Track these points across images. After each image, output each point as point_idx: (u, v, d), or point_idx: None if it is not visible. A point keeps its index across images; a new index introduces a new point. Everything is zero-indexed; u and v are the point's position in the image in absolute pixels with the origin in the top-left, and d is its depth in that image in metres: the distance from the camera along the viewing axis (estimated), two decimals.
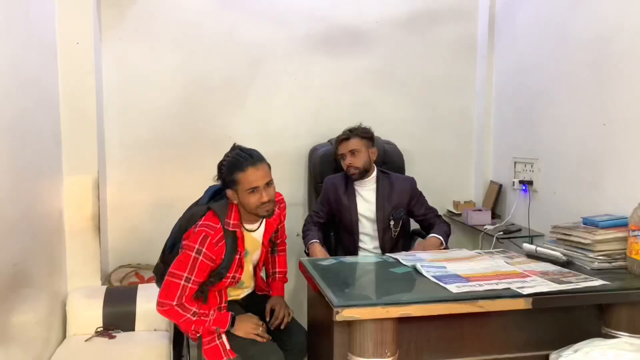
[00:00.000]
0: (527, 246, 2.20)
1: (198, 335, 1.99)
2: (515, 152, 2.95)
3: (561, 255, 2.05)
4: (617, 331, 1.81)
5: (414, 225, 2.78)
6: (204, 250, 1.91)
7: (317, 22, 3.09)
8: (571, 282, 1.78)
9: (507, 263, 2.03)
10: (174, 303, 1.90)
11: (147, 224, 2.93)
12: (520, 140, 2.92)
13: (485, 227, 2.84)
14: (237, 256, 2.01)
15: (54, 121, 2.46)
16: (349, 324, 1.63)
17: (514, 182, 2.89)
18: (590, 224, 2.08)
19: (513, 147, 2.98)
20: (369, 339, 1.61)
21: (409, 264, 2.00)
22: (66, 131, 2.53)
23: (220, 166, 1.98)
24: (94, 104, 2.61)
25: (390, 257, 2.15)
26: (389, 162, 2.89)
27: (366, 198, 2.63)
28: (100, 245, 2.65)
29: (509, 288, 1.71)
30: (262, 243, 2.14)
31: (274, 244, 2.31)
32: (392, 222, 2.60)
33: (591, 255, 1.99)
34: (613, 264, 1.98)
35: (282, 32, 3.01)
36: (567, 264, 2.03)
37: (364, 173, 2.58)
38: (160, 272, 2.08)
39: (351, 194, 2.63)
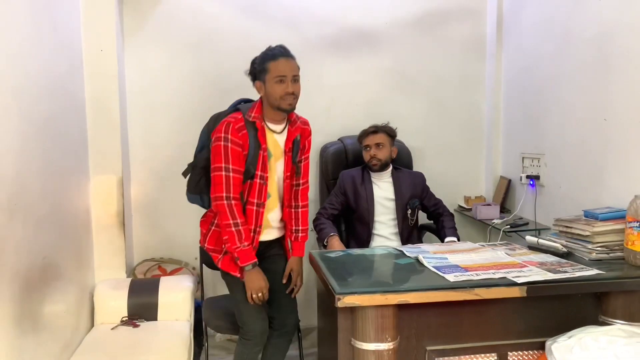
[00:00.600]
0: (529, 238, 2.27)
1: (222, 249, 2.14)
2: (523, 147, 3.01)
3: (561, 246, 2.12)
4: (613, 319, 1.87)
5: (422, 219, 2.89)
6: (229, 136, 2.03)
7: (329, 25, 3.19)
8: (566, 272, 1.85)
9: (508, 254, 2.10)
10: (224, 195, 2.04)
11: (168, 220, 3.08)
12: (527, 136, 2.98)
13: (493, 221, 2.92)
14: (261, 152, 2.10)
15: (81, 124, 2.62)
16: (352, 310, 1.72)
17: (521, 177, 2.95)
18: (590, 216, 2.14)
19: (521, 143, 3.05)
20: (371, 325, 1.70)
21: (412, 255, 2.09)
22: (92, 133, 2.69)
23: (254, 59, 2.10)
24: (117, 106, 2.76)
25: (396, 249, 2.25)
26: (397, 159, 2.98)
27: (383, 188, 2.82)
28: (125, 240, 2.80)
29: (505, 277, 1.79)
30: (284, 151, 2.18)
31: (297, 173, 2.28)
32: (409, 211, 2.78)
33: (590, 246, 2.05)
34: (611, 254, 2.04)
35: (295, 35, 3.12)
36: (567, 255, 2.10)
37: (384, 166, 2.78)
38: (187, 173, 2.25)
39: (368, 184, 2.82)
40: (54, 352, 2.14)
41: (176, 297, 2.62)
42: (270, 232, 2.28)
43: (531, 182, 2.86)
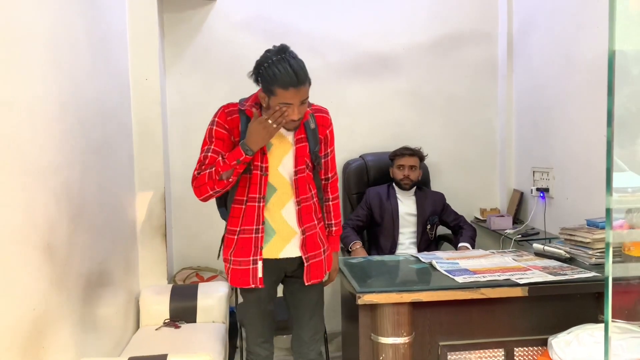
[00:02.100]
0: (536, 246, 2.46)
1: (227, 176, 1.88)
2: (533, 162, 3.20)
3: (564, 253, 2.31)
4: (613, 318, 2.05)
5: (440, 231, 3.11)
6: (216, 119, 1.97)
7: (349, 50, 3.45)
8: (566, 274, 2.04)
9: (515, 260, 2.30)
10: (195, 172, 1.94)
11: (205, 232, 3.34)
12: (537, 151, 3.17)
13: (506, 231, 3.11)
14: None
15: (128, 145, 2.91)
16: (371, 308, 1.95)
17: (532, 190, 3.14)
18: (592, 225, 2.33)
19: (532, 158, 3.24)
20: (388, 321, 1.91)
21: (426, 260, 2.31)
22: (137, 153, 2.95)
23: (260, 66, 1.85)
24: (160, 129, 3.02)
25: (412, 255, 2.47)
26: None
27: (406, 204, 3.11)
28: (167, 250, 3.05)
29: (509, 279, 1.99)
30: (293, 142, 2.00)
31: (317, 166, 2.08)
32: (428, 226, 3.07)
33: (590, 252, 2.23)
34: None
35: (317, 60, 3.38)
36: (570, 260, 2.28)
37: (413, 186, 3.09)
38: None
39: (393, 199, 3.10)
40: (108, 349, 2.38)
41: (213, 301, 2.84)
42: (293, 245, 2.03)
43: (541, 194, 3.05)
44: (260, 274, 1.99)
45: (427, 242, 3.10)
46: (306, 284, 2.04)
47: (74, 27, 2.09)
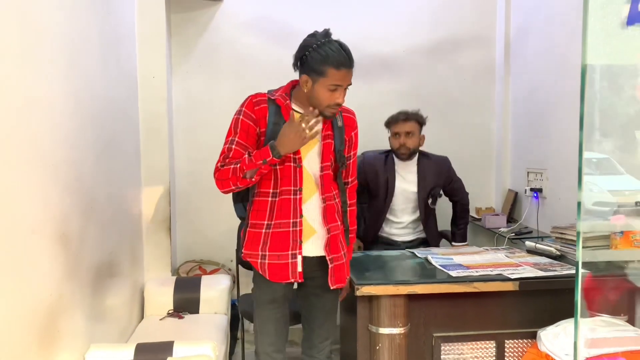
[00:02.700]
0: (528, 243, 2.56)
1: (250, 175, 1.83)
2: (528, 163, 3.30)
3: (555, 250, 2.40)
4: (598, 312, 2.14)
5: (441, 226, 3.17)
6: (243, 109, 1.89)
7: (352, 52, 3.53)
8: (555, 270, 2.14)
9: (507, 257, 2.40)
10: (219, 165, 1.87)
11: (208, 226, 3.44)
12: (532, 152, 3.27)
13: (500, 229, 3.21)
14: None
15: (135, 141, 2.99)
16: (369, 300, 2.04)
17: (526, 190, 3.24)
18: None
19: (526, 159, 3.34)
20: (385, 313, 2.00)
21: (422, 256, 2.41)
22: (144, 149, 3.04)
23: (308, 47, 1.81)
24: (166, 126, 3.11)
25: (409, 251, 2.56)
26: None
27: (405, 177, 2.80)
28: (171, 244, 3.15)
29: (501, 274, 2.09)
30: (320, 138, 1.95)
31: (341, 166, 2.01)
32: (430, 200, 2.80)
33: None
34: (599, 257, 2.32)
35: None
36: (560, 257, 2.37)
37: (412, 154, 2.76)
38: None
39: (390, 171, 2.78)
40: (114, 337, 2.47)
41: (215, 293, 2.93)
42: (313, 242, 1.95)
43: (535, 195, 3.15)
44: (300, 268, 1.91)
45: (427, 215, 2.81)
46: (331, 287, 1.94)
47: (88, 29, 2.18)
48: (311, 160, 1.94)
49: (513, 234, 3.08)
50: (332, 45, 1.80)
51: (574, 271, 2.12)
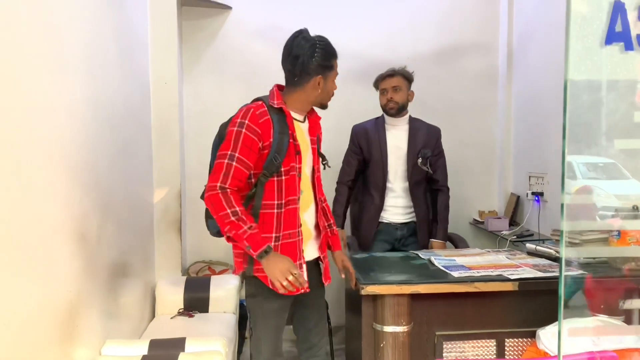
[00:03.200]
0: (529, 245, 2.63)
1: (231, 239, 1.79)
2: (529, 167, 3.37)
3: (554, 252, 2.48)
4: (596, 313, 2.21)
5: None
6: (246, 122, 1.79)
7: (357, 60, 3.61)
8: (554, 272, 2.21)
9: (508, 258, 2.47)
10: (218, 184, 1.75)
11: None
12: (533, 156, 3.34)
13: (502, 232, 3.28)
14: (291, 141, 1.87)
15: (148, 145, 3.08)
16: (374, 299, 2.11)
17: (527, 194, 3.31)
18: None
19: (528, 163, 3.41)
20: (388, 311, 2.07)
21: (425, 257, 2.49)
22: (156, 152, 3.13)
23: (314, 50, 1.86)
24: (177, 130, 3.20)
25: (412, 253, 2.64)
26: None
27: (397, 136, 2.83)
28: (181, 244, 3.24)
29: (501, 274, 2.16)
30: (310, 141, 2.00)
31: (325, 165, 2.10)
32: (420, 160, 2.78)
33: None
34: (597, 259, 2.39)
35: None
36: (559, 259, 2.45)
37: (400, 109, 2.79)
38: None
39: (382, 132, 2.82)
40: (127, 334, 2.54)
41: (224, 293, 3.00)
42: (309, 247, 2.00)
43: (536, 198, 3.22)
44: (306, 277, 1.91)
45: (419, 180, 2.81)
46: (325, 284, 2.08)
47: (105, 37, 2.28)
48: (306, 167, 1.98)
49: (515, 237, 3.15)
50: (323, 40, 1.91)
51: (572, 273, 2.20)
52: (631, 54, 1.03)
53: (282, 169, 1.86)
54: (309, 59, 1.86)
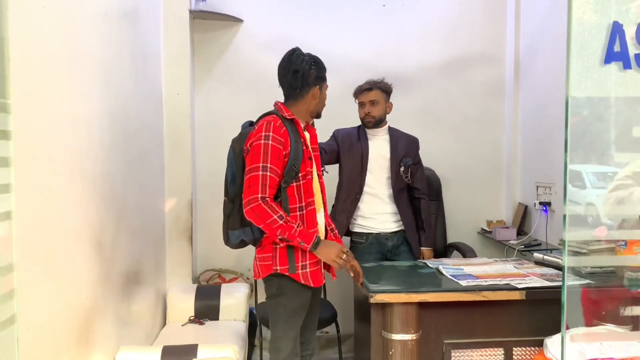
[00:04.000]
0: (536, 255, 2.65)
1: (282, 238, 1.96)
2: (537, 177, 3.40)
3: (562, 261, 2.50)
4: (602, 322, 2.23)
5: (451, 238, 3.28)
6: (270, 134, 1.95)
7: (365, 70, 3.62)
8: (561, 281, 2.23)
9: (516, 267, 2.50)
10: (259, 196, 1.90)
11: None
12: (540, 167, 3.37)
13: (510, 241, 3.30)
14: (305, 147, 2.06)
15: (160, 154, 3.15)
16: (383, 307, 2.15)
17: (535, 204, 3.33)
18: None
19: (535, 173, 3.43)
20: (397, 319, 2.11)
21: (433, 266, 2.52)
22: (168, 162, 3.19)
23: (311, 65, 2.08)
24: (189, 141, 3.26)
25: (420, 262, 2.67)
26: (429, 186, 3.36)
27: (379, 144, 2.89)
28: (192, 253, 3.29)
29: (508, 283, 2.19)
30: (313, 149, 2.18)
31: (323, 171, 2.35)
32: (402, 168, 2.84)
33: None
34: (604, 268, 2.41)
35: (336, 79, 3.54)
36: (563, 267, 2.47)
37: (377, 123, 2.85)
38: (229, 210, 2.12)
39: (364, 139, 2.88)
40: (140, 341, 2.59)
41: (234, 301, 3.05)
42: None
43: (544, 208, 3.24)
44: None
45: (401, 188, 2.86)
46: (333, 279, 2.25)
47: (120, 51, 2.35)
48: (315, 170, 2.17)
49: (522, 246, 3.17)
50: (315, 56, 2.14)
51: (578, 282, 2.23)
52: (629, 72, 1.08)
53: (300, 174, 2.04)
54: (307, 72, 2.08)
